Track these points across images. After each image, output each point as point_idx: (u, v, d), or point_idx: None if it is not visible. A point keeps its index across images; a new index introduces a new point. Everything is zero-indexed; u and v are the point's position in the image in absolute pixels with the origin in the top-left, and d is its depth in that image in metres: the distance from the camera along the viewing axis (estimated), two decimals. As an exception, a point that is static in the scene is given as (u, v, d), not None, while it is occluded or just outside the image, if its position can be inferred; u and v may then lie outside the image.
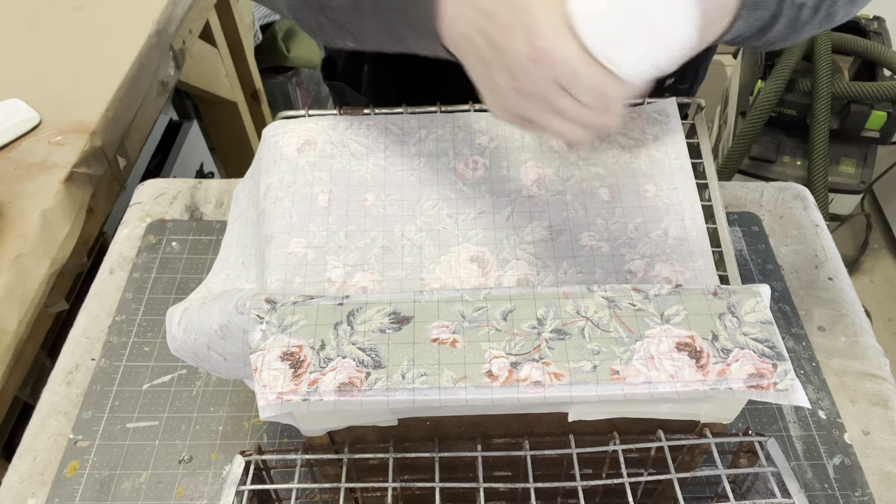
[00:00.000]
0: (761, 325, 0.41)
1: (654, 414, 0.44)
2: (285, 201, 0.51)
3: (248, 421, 0.63)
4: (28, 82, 0.93)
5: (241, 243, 0.55)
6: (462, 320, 0.42)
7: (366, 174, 0.53)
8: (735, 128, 1.71)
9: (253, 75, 1.56)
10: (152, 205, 0.81)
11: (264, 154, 0.55)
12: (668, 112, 0.57)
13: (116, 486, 0.59)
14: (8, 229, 0.77)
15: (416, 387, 0.39)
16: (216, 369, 0.49)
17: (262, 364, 0.40)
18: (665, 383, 0.39)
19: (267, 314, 0.43)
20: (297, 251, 0.49)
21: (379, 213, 0.51)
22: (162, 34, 1.04)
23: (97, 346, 0.68)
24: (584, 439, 0.45)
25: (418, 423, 0.44)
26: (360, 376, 0.40)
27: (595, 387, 0.39)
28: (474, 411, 0.42)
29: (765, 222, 0.78)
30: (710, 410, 0.44)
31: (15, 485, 0.59)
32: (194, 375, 0.66)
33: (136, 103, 0.98)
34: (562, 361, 0.40)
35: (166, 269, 0.74)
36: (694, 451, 0.47)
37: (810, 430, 0.62)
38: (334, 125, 0.55)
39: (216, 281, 0.53)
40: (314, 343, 0.41)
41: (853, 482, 0.59)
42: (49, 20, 1.03)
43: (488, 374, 0.40)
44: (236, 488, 0.43)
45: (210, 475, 0.60)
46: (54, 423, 0.63)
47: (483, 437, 0.45)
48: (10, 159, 0.84)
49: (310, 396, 0.39)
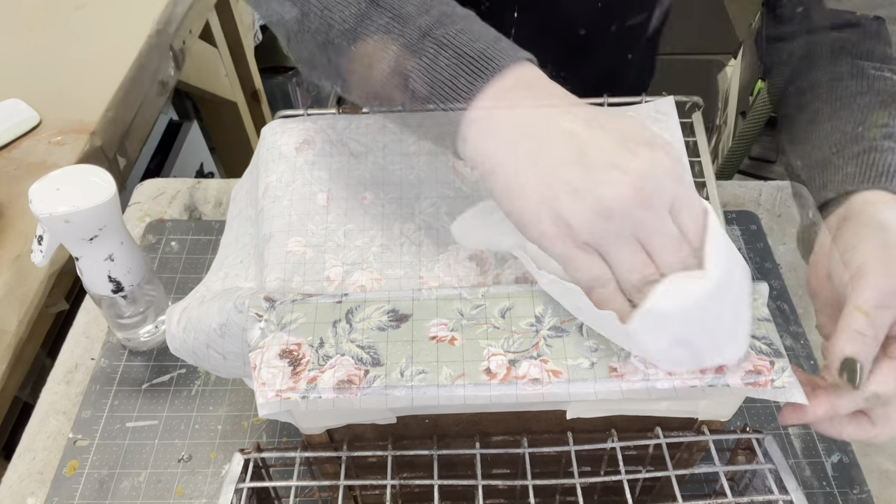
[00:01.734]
0: (758, 322, 0.41)
1: (652, 411, 0.44)
2: (284, 200, 0.51)
3: (248, 420, 0.63)
4: (28, 82, 0.94)
5: (239, 242, 0.55)
6: (460, 318, 0.42)
7: (364, 173, 0.53)
8: (735, 128, 1.72)
9: (253, 75, 1.56)
10: (151, 204, 0.81)
11: (263, 153, 0.55)
12: (665, 111, 0.57)
13: (116, 485, 0.59)
14: (8, 229, 0.77)
15: (415, 384, 0.39)
16: (215, 368, 0.49)
17: (260, 362, 0.41)
18: (663, 380, 0.39)
19: (266, 312, 0.43)
20: (296, 250, 0.49)
21: (378, 211, 0.51)
22: (162, 34, 1.04)
23: (97, 345, 0.68)
24: (583, 437, 0.45)
25: (417, 420, 0.45)
26: (359, 374, 0.40)
27: (593, 384, 0.39)
28: (473, 409, 0.42)
29: (763, 221, 0.78)
30: (708, 407, 0.44)
31: (14, 484, 0.59)
32: (193, 375, 0.66)
33: (136, 103, 0.98)
34: (560, 359, 0.40)
35: (165, 268, 0.74)
36: (692, 448, 0.47)
37: (808, 428, 0.62)
38: (333, 124, 0.55)
39: (215, 280, 0.53)
40: (313, 341, 0.41)
41: (851, 480, 0.59)
42: (49, 20, 1.03)
43: (486, 372, 0.40)
44: (235, 486, 0.43)
45: (209, 474, 0.60)
46: (54, 423, 0.63)
47: (481, 435, 0.45)
48: (10, 159, 0.84)
49: (308, 394, 0.39)
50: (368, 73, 0.43)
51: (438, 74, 0.40)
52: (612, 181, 0.36)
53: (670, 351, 0.38)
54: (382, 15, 0.42)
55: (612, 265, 0.37)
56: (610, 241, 0.36)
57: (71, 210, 0.53)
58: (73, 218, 0.54)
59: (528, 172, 0.38)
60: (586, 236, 0.36)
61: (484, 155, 0.39)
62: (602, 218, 0.36)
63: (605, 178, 0.36)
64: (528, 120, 0.39)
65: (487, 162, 0.39)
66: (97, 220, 0.55)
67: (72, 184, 0.55)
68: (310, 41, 0.45)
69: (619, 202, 0.36)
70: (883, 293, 0.39)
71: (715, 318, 0.37)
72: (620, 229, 0.36)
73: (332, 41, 0.43)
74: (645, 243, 0.37)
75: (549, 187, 0.37)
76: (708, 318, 0.37)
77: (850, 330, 0.39)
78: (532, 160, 0.38)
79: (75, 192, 0.54)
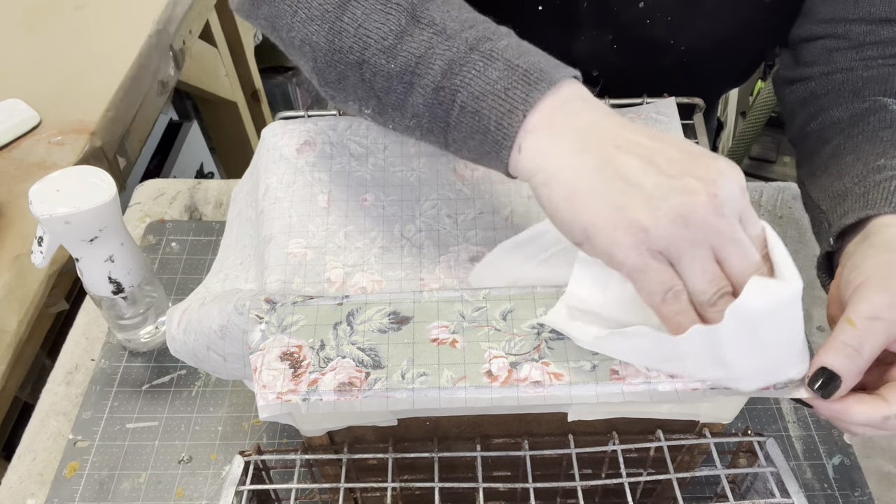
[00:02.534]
0: (761, 325, 0.41)
1: (654, 414, 0.44)
2: (284, 202, 0.51)
3: (248, 421, 0.63)
4: (28, 82, 0.94)
5: (240, 243, 0.55)
6: (462, 320, 0.42)
7: (365, 174, 0.53)
8: (735, 128, 1.72)
9: (253, 75, 1.56)
10: (152, 205, 0.81)
11: (263, 154, 0.55)
12: (667, 112, 0.57)
13: (116, 486, 0.59)
14: (8, 229, 0.77)
15: (416, 387, 0.39)
16: (216, 370, 0.49)
17: (261, 364, 0.40)
18: (664, 383, 0.39)
19: (266, 314, 0.43)
20: (297, 251, 0.49)
21: (378, 213, 0.51)
22: (162, 34, 1.04)
23: (97, 346, 0.68)
24: (584, 439, 0.45)
25: (418, 423, 0.44)
26: (360, 376, 0.40)
27: (594, 387, 0.39)
28: (474, 411, 0.42)
29: (764, 222, 0.78)
30: (710, 410, 0.44)
31: (14, 485, 0.59)
32: (194, 376, 0.66)
33: (136, 103, 0.98)
34: (561, 361, 0.40)
35: (166, 269, 0.74)
36: (693, 450, 0.47)
37: (810, 430, 0.62)
38: (334, 126, 0.55)
39: (215, 281, 0.53)
40: (314, 343, 0.41)
41: (853, 482, 0.59)
42: (49, 20, 1.03)
43: (488, 374, 0.40)
44: (236, 488, 0.43)
45: (209, 475, 0.60)
46: (54, 424, 0.63)
47: (482, 437, 0.45)
48: (10, 159, 0.84)
49: (309, 396, 0.39)
50: (408, 91, 0.41)
51: (490, 86, 0.39)
52: (686, 189, 0.35)
53: (748, 358, 0.37)
54: (424, 31, 0.41)
55: (684, 276, 0.37)
56: (684, 248, 0.36)
57: (71, 211, 0.53)
58: (73, 219, 0.54)
59: (596, 179, 0.36)
60: (663, 244, 0.35)
61: (542, 163, 0.38)
62: (678, 225, 0.35)
63: (679, 186, 0.35)
64: (590, 129, 0.38)
65: (547, 170, 0.38)
66: (97, 221, 0.55)
67: (72, 185, 0.55)
68: (340, 61, 0.43)
69: (695, 209, 0.35)
70: (877, 305, 0.38)
71: (795, 325, 0.37)
72: (695, 237, 0.35)
73: (368, 60, 0.42)
74: (718, 251, 0.36)
75: (623, 194, 0.36)
76: (792, 323, 0.37)
77: (835, 340, 0.38)
78: (599, 167, 0.37)
79: (75, 193, 0.54)
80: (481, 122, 0.39)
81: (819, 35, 0.59)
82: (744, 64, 0.69)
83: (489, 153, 0.40)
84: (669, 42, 0.63)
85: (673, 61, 0.64)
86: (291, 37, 0.45)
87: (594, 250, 0.37)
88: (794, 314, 0.37)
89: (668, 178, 0.36)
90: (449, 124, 0.41)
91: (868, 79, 0.56)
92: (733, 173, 0.36)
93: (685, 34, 0.62)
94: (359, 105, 0.45)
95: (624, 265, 0.36)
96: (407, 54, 0.41)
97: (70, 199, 0.54)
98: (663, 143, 0.37)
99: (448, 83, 0.40)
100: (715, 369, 0.38)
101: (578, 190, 0.37)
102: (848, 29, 0.57)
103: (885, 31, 0.56)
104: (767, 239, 0.38)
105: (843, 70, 0.58)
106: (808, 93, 0.60)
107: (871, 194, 0.46)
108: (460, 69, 0.39)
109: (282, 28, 0.46)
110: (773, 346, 0.37)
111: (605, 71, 0.66)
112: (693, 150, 0.37)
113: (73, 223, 0.54)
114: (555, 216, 0.38)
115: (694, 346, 0.37)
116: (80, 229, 0.55)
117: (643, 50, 0.64)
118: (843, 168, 0.51)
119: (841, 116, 0.56)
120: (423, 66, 0.40)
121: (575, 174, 0.37)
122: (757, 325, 0.36)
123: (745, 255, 0.36)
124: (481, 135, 0.40)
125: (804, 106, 0.61)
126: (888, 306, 0.38)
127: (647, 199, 0.35)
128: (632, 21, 0.61)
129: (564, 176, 0.37)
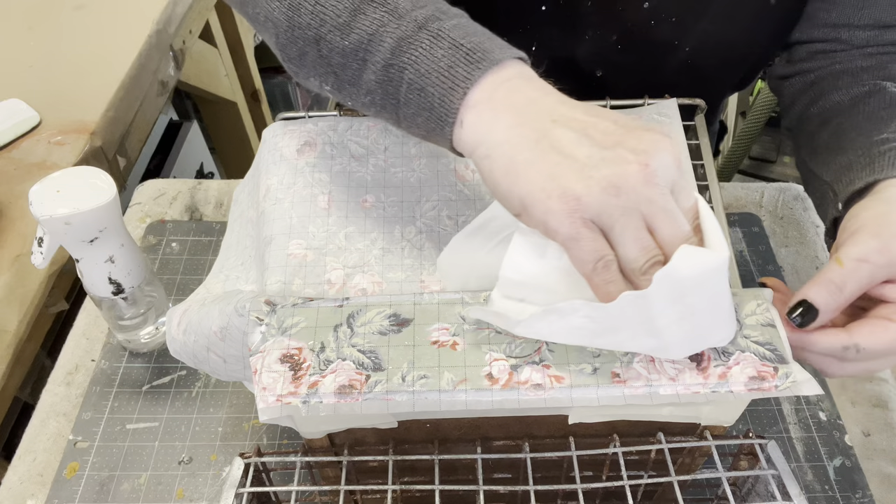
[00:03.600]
0: (762, 327, 0.41)
1: (655, 416, 0.44)
2: (285, 203, 0.51)
3: (248, 422, 0.63)
4: (28, 82, 0.93)
5: (240, 244, 0.55)
6: (462, 322, 0.42)
7: (366, 175, 0.53)
8: (735, 128, 1.71)
9: (253, 75, 1.55)
10: (152, 205, 0.81)
11: (264, 155, 0.55)
12: (668, 113, 0.57)
13: (116, 487, 0.59)
14: (8, 229, 0.77)
15: (416, 389, 0.39)
16: (216, 371, 0.49)
17: (261, 366, 0.40)
18: (666, 386, 0.39)
19: (267, 316, 0.43)
20: (297, 253, 0.49)
21: (379, 214, 0.51)
22: (162, 34, 1.04)
23: (97, 346, 0.68)
24: (585, 441, 0.44)
25: (418, 425, 0.44)
26: (360, 379, 0.40)
27: (595, 390, 0.39)
28: (474, 414, 0.42)
29: (765, 223, 0.78)
30: (711, 413, 0.44)
31: (14, 486, 0.59)
32: (194, 376, 0.66)
33: (136, 103, 0.98)
34: (562, 364, 0.40)
35: (166, 269, 0.74)
36: (694, 453, 0.46)
37: (811, 432, 0.62)
38: (334, 126, 0.55)
39: (216, 282, 0.52)
40: (314, 345, 0.41)
41: (854, 484, 0.59)
42: (49, 20, 1.03)
43: (488, 377, 0.40)
44: (235, 490, 0.43)
45: (210, 476, 0.60)
46: (54, 424, 0.63)
47: (483, 440, 0.45)
48: (10, 159, 0.84)
49: (309, 399, 0.39)
50: (362, 68, 0.43)
51: (435, 64, 0.40)
52: (618, 159, 0.36)
53: (677, 325, 0.38)
54: (376, 9, 0.42)
55: (616, 244, 0.38)
56: (616, 217, 0.37)
57: (71, 212, 0.53)
58: (73, 220, 0.54)
59: (533, 151, 0.38)
60: (595, 211, 0.37)
61: (483, 137, 0.39)
62: (610, 194, 0.36)
63: (611, 156, 0.37)
64: (529, 105, 0.39)
65: (487, 143, 0.39)
66: (97, 222, 0.55)
67: (72, 186, 0.55)
68: (300, 37, 0.45)
69: (626, 179, 0.36)
70: (866, 249, 0.41)
71: (722, 293, 0.38)
72: (626, 205, 0.36)
73: (325, 36, 0.43)
74: (650, 220, 0.37)
75: (557, 165, 0.37)
76: (718, 290, 0.38)
77: (821, 276, 0.41)
78: (536, 140, 0.38)
79: (76, 194, 0.54)
80: (426, 99, 0.40)
81: (821, 39, 0.60)
82: (748, 66, 0.69)
83: (434, 129, 0.41)
84: (674, 43, 0.63)
85: (677, 63, 0.64)
86: (256, 13, 0.47)
87: (531, 220, 0.38)
88: (721, 282, 0.38)
89: (602, 150, 0.37)
90: (399, 101, 0.42)
91: (867, 67, 0.58)
92: (666, 144, 0.37)
93: (690, 36, 0.62)
94: (319, 81, 0.47)
95: (558, 233, 0.37)
96: (360, 31, 0.42)
97: (70, 200, 0.54)
98: (599, 117, 0.39)
99: (397, 60, 0.41)
100: (647, 339, 0.39)
101: (516, 162, 0.38)
102: (852, 34, 0.58)
103: (889, 35, 0.57)
104: (699, 211, 0.39)
105: (843, 62, 0.59)
106: (807, 83, 0.61)
107: (876, 162, 0.48)
108: (408, 47, 0.41)
109: (248, 3, 0.48)
110: (700, 314, 0.38)
111: (608, 71, 0.67)
112: (629, 124, 0.38)
113: (73, 224, 0.54)
114: (495, 189, 0.40)
115: (626, 315, 0.37)
116: (80, 230, 0.55)
117: (647, 51, 0.64)
118: (846, 143, 0.52)
119: (841, 99, 0.57)
120: (375, 44, 0.42)
121: (513, 147, 0.38)
122: (685, 291, 0.37)
123: (676, 225, 0.37)
124: (427, 111, 0.41)
125: (803, 93, 0.62)
126: (877, 251, 0.40)
127: (581, 169, 0.37)
128: (636, 22, 0.61)
129: (503, 149, 0.39)
